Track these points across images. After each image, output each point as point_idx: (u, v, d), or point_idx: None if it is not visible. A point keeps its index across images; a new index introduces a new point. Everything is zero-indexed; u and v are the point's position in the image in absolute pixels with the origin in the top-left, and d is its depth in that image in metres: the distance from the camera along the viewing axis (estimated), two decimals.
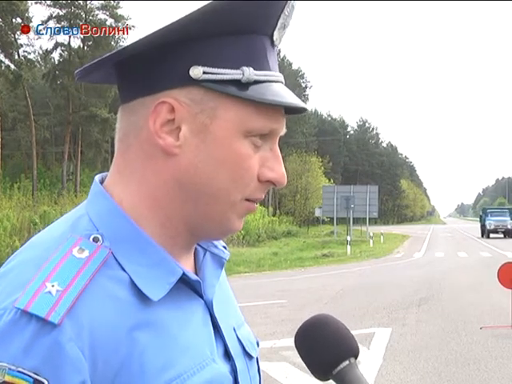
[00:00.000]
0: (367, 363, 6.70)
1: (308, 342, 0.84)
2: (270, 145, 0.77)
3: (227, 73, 0.73)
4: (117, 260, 0.72)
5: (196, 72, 0.72)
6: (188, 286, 0.78)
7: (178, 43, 0.72)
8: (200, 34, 0.72)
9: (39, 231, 0.78)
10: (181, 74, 0.73)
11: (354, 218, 36.70)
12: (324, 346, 0.82)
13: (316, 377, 0.83)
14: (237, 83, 0.73)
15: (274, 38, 0.77)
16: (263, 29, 0.76)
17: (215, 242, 0.88)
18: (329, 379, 0.82)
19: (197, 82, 0.73)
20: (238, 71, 0.73)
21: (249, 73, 0.73)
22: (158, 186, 0.75)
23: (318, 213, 44.05)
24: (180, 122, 0.73)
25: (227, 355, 0.81)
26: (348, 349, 0.82)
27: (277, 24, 0.76)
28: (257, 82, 0.74)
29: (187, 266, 0.80)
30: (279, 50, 0.87)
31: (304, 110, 0.79)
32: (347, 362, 0.80)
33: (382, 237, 37.58)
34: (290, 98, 0.76)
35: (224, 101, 0.73)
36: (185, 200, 0.75)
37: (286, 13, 0.76)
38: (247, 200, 0.77)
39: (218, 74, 0.72)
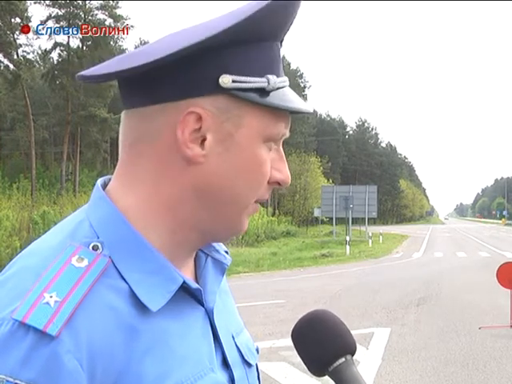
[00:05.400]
0: (366, 363, 6.70)
1: (304, 337, 0.83)
2: (276, 146, 0.78)
3: (254, 81, 0.73)
4: (116, 268, 0.71)
5: (225, 80, 0.71)
6: (188, 294, 0.77)
7: (206, 52, 0.71)
8: (229, 43, 0.72)
9: (40, 231, 0.77)
10: (209, 83, 0.72)
11: (352, 218, 36.73)
12: (320, 342, 0.81)
13: (312, 372, 0.84)
14: (259, 91, 0.73)
15: (282, 43, 0.78)
16: (279, 35, 0.76)
17: (217, 247, 0.87)
18: (325, 375, 0.82)
19: (224, 91, 0.72)
20: (263, 79, 0.73)
21: (274, 81, 0.74)
22: (173, 194, 0.74)
23: (316, 213, 44.04)
24: (206, 132, 0.73)
25: (225, 364, 0.80)
26: (345, 346, 0.81)
27: (288, 29, 0.77)
28: (277, 89, 0.75)
29: (188, 272, 0.80)
30: None
31: (308, 113, 0.80)
32: (343, 360, 0.80)
33: (380, 237, 37.59)
34: (300, 102, 0.78)
35: (248, 109, 0.73)
36: (201, 207, 0.75)
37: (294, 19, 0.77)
38: (256, 201, 0.79)
39: (246, 82, 0.72)
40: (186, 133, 0.72)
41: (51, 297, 0.65)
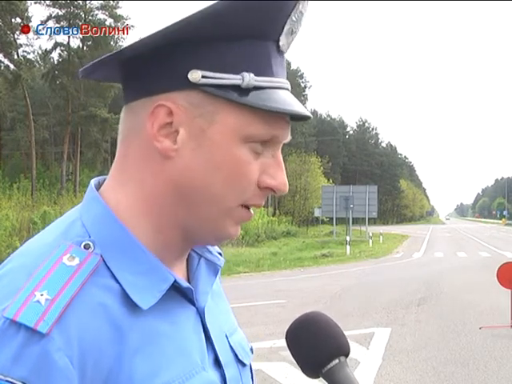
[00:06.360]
0: (366, 363, 6.70)
1: (298, 339, 0.83)
2: (271, 151, 0.76)
3: (227, 77, 0.71)
4: (108, 267, 0.71)
5: (195, 76, 0.71)
6: (180, 294, 0.77)
7: (178, 45, 0.71)
8: (201, 38, 0.71)
9: (39, 231, 0.78)
10: (180, 77, 0.72)
11: (353, 218, 36.70)
12: (314, 343, 0.81)
13: (306, 374, 0.83)
14: (237, 88, 0.72)
15: (281, 44, 0.75)
16: (268, 34, 0.74)
17: (210, 248, 0.87)
18: (319, 377, 0.82)
19: (196, 86, 0.72)
20: (238, 76, 0.71)
21: (249, 78, 0.72)
22: (154, 190, 0.74)
23: (317, 213, 44.04)
24: (178, 126, 0.73)
25: (218, 363, 0.80)
26: (338, 347, 0.81)
27: (283, 29, 0.75)
28: (258, 88, 0.72)
29: (180, 272, 0.80)
30: None
31: (308, 117, 0.77)
32: (337, 361, 0.80)
33: (381, 237, 37.60)
34: (291, 105, 0.75)
35: (223, 106, 0.72)
36: (180, 204, 0.75)
37: (294, 18, 0.75)
38: (244, 206, 0.76)
39: (217, 78, 0.71)
40: (155, 126, 0.73)
41: (42, 295, 0.65)
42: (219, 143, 0.72)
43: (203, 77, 0.71)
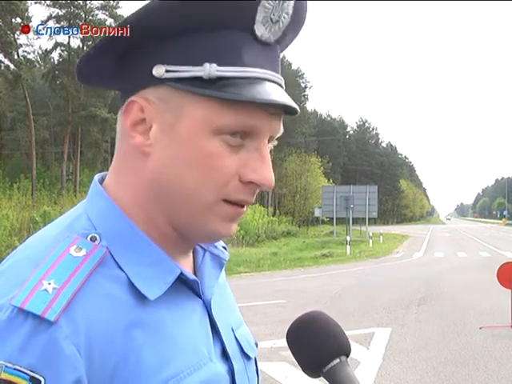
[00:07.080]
0: (367, 363, 6.70)
1: (299, 338, 0.83)
2: (255, 144, 0.74)
3: (189, 70, 0.71)
4: (114, 259, 0.72)
5: (159, 71, 0.71)
6: (186, 286, 0.78)
7: (142, 43, 0.72)
8: (162, 33, 0.71)
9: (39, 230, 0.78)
10: (148, 74, 0.72)
11: (353, 218, 36.67)
12: (314, 343, 0.82)
13: (306, 374, 0.83)
14: (203, 80, 0.70)
15: (258, 34, 0.73)
16: (234, 24, 0.71)
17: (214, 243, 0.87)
18: (319, 376, 0.82)
19: (163, 81, 0.72)
20: (201, 68, 0.70)
21: (209, 69, 0.70)
22: (137, 185, 0.75)
23: (317, 213, 44.04)
24: (151, 121, 0.73)
25: (225, 355, 0.81)
26: (339, 347, 0.81)
27: (255, 18, 0.72)
28: (223, 79, 0.71)
29: (186, 265, 0.80)
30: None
31: (294, 109, 0.74)
32: (337, 361, 0.80)
33: (381, 237, 37.57)
34: (266, 94, 0.71)
35: (190, 99, 0.71)
36: (160, 199, 0.75)
37: (268, 6, 0.71)
38: (228, 202, 0.74)
39: (180, 71, 0.71)
40: (128, 122, 0.74)
41: (49, 284, 0.66)
42: (188, 137, 0.72)
43: (167, 71, 0.71)
